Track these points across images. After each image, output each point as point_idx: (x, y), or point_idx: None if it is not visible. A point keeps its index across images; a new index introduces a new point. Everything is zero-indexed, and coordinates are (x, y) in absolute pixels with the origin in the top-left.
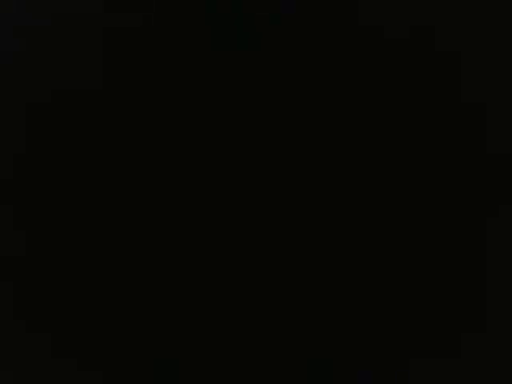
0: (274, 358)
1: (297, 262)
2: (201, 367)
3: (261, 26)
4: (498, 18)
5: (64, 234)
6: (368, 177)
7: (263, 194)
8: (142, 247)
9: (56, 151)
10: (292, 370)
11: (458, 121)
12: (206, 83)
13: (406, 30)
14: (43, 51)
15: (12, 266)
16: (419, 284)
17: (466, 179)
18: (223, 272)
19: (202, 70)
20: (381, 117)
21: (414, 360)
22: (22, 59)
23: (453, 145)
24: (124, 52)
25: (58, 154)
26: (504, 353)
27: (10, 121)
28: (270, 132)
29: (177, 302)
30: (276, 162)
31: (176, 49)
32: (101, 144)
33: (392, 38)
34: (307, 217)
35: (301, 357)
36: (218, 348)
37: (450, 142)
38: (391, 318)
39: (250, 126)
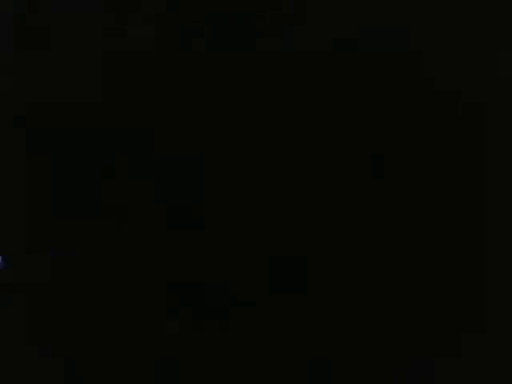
0: (274, 358)
1: (297, 262)
2: (201, 367)
3: (260, 26)
4: (498, 19)
5: (63, 234)
6: (367, 177)
7: (258, 195)
8: (141, 247)
9: (56, 152)
10: (292, 370)
11: (458, 121)
12: (204, 83)
13: (406, 32)
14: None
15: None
16: (419, 284)
17: (466, 179)
18: (224, 272)
19: (201, 69)
20: (381, 117)
21: (413, 360)
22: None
23: (453, 145)
24: (123, 51)
25: (57, 155)
26: (504, 353)
27: (10, 126)
28: (267, 131)
29: (177, 302)
30: (272, 162)
31: (175, 50)
32: (99, 142)
33: (393, 37)
34: (307, 218)
35: (301, 357)
36: (218, 348)
37: (450, 141)
38: (391, 318)
39: (246, 126)
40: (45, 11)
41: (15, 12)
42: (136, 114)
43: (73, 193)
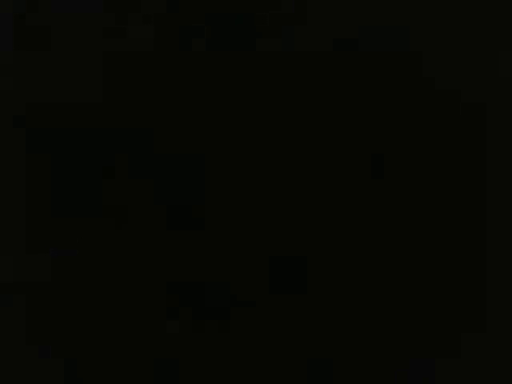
0: (274, 358)
1: (297, 262)
2: (201, 367)
3: (260, 26)
4: (498, 19)
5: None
6: (367, 177)
7: (258, 195)
8: (141, 247)
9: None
10: (292, 369)
11: (458, 121)
12: (204, 83)
13: (406, 32)
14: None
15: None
16: (419, 284)
17: (466, 179)
18: (224, 272)
19: (201, 69)
20: (381, 117)
21: (413, 360)
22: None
23: (453, 145)
24: (123, 51)
25: (56, 155)
26: (504, 353)
27: (10, 126)
28: (267, 131)
29: (177, 302)
30: (272, 162)
31: (175, 50)
32: (98, 141)
33: (393, 36)
34: (307, 218)
35: (301, 357)
36: (218, 348)
37: (450, 141)
38: (391, 318)
39: (246, 126)
40: (45, 11)
41: (15, 12)
42: (136, 113)
43: (73, 193)
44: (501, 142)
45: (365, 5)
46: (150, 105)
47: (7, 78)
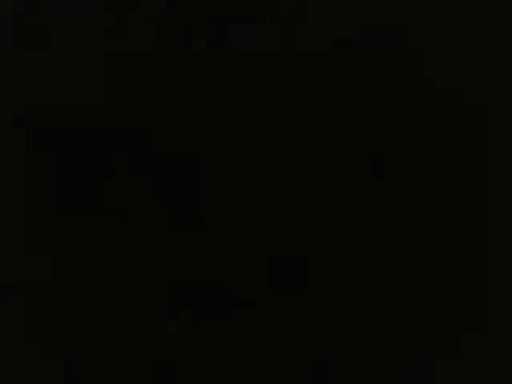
0: (274, 358)
1: (297, 262)
2: (201, 367)
3: (260, 26)
4: (498, 19)
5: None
6: (367, 177)
7: (258, 195)
8: (141, 247)
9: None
10: (292, 369)
11: (458, 121)
12: (204, 83)
13: (406, 32)
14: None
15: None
16: (419, 284)
17: (466, 179)
18: (224, 272)
19: (201, 69)
20: (380, 117)
21: (413, 360)
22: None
23: (453, 145)
24: (123, 51)
25: (56, 155)
26: (504, 353)
27: (10, 126)
28: (267, 131)
29: (177, 302)
30: (272, 162)
31: (175, 50)
32: (98, 140)
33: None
34: (307, 218)
35: (301, 357)
36: (218, 348)
37: (450, 141)
38: (391, 318)
39: (246, 126)
40: (45, 11)
41: (15, 12)
42: (136, 113)
43: (73, 193)
44: (501, 141)
45: (365, 5)
46: (150, 105)
47: (7, 77)
